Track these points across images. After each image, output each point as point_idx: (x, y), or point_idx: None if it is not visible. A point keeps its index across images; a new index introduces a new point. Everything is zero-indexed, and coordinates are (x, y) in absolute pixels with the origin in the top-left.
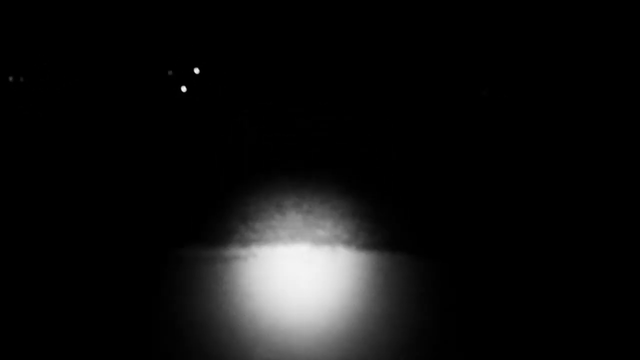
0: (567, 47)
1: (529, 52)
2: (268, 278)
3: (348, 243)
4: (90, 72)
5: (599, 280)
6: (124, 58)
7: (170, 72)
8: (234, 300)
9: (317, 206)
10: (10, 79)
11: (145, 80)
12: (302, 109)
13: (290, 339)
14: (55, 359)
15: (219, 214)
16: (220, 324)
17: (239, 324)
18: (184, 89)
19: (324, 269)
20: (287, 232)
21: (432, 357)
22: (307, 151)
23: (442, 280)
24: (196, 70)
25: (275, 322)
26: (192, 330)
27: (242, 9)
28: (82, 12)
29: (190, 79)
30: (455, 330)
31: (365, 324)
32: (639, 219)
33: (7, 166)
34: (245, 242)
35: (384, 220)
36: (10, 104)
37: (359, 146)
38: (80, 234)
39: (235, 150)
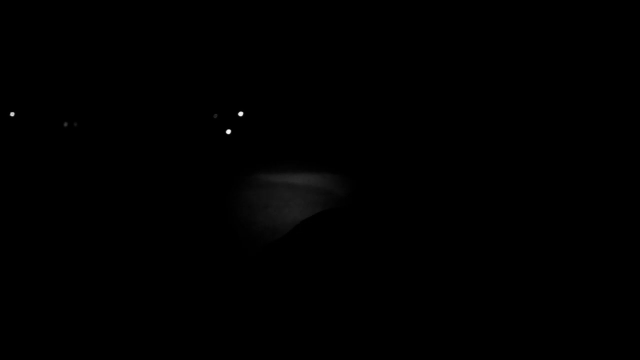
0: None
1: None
2: None
3: None
4: (140, 116)
5: (598, 279)
6: (174, 103)
7: (215, 116)
8: None
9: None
10: (65, 124)
11: (193, 123)
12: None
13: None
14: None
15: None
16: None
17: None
18: (228, 131)
19: None
20: None
21: None
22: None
23: None
24: (240, 114)
25: None
26: None
27: (289, 53)
28: (131, 58)
29: (234, 122)
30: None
31: None
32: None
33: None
34: None
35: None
36: (66, 147)
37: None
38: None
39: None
